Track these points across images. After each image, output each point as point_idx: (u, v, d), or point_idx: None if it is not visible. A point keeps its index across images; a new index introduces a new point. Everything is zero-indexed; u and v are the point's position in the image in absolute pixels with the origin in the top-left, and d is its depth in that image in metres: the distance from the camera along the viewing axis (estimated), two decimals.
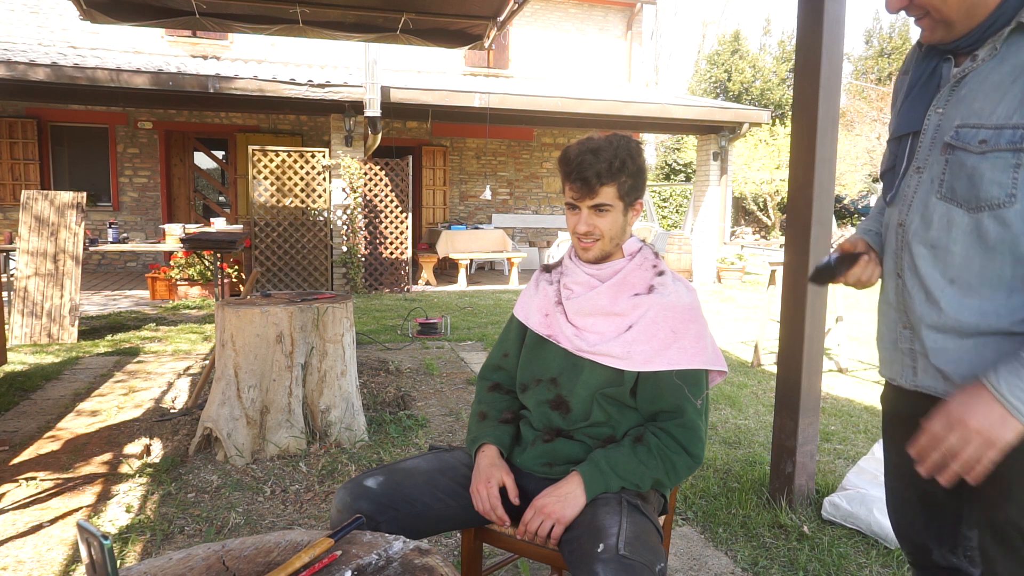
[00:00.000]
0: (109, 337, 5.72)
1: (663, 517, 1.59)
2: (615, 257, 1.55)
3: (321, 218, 8.43)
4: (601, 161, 1.44)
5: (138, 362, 4.92)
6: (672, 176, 22.48)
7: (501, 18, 4.37)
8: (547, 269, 1.67)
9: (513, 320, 1.68)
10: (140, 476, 2.90)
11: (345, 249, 8.71)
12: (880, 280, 1.30)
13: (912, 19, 1.16)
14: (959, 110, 1.12)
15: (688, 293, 1.53)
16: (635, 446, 1.43)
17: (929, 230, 1.17)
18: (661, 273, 1.54)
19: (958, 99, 1.13)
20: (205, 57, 10.75)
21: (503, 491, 1.46)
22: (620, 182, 1.47)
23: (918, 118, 1.20)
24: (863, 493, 2.49)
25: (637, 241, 1.59)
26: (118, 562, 1.70)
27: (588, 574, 1.19)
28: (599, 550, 1.22)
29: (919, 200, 1.18)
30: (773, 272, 5.04)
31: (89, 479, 2.88)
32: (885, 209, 1.31)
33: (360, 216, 8.76)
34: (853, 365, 5.35)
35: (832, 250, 1.37)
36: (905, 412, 1.31)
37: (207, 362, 4.84)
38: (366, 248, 8.91)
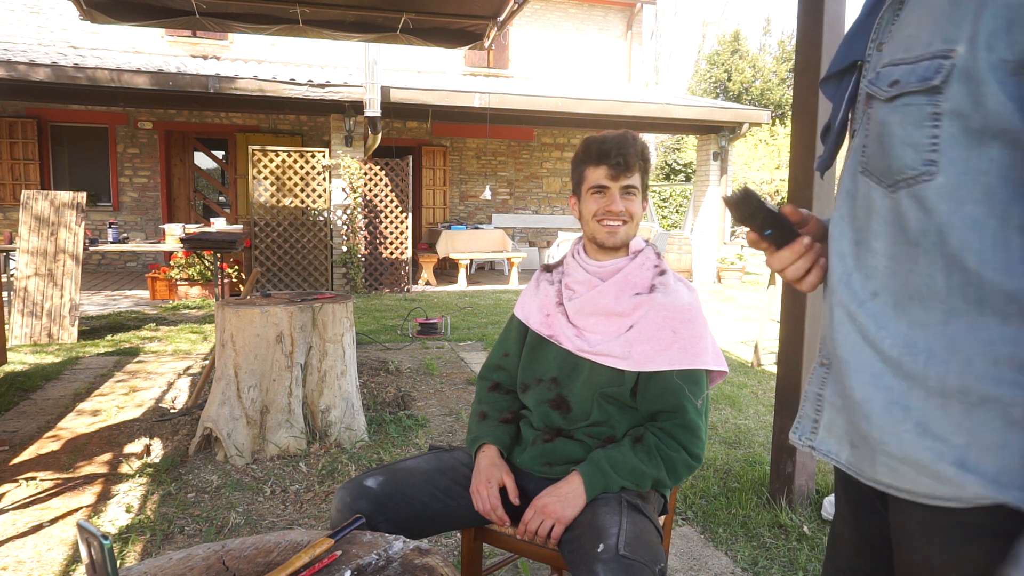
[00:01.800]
0: (109, 337, 5.72)
1: (663, 517, 1.59)
2: (619, 254, 1.56)
3: (321, 218, 8.43)
4: (634, 148, 1.51)
5: (138, 362, 4.92)
6: (672, 176, 22.47)
7: (501, 18, 4.37)
8: (548, 269, 1.67)
9: (513, 320, 1.68)
10: (140, 476, 2.90)
11: (345, 249, 8.71)
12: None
13: None
14: (891, 44, 0.79)
15: (689, 293, 1.53)
16: (635, 446, 1.43)
17: (854, 218, 0.82)
18: (663, 272, 1.54)
19: (898, 25, 0.78)
20: (205, 57, 10.75)
21: (503, 491, 1.46)
22: (643, 171, 1.54)
23: (853, 51, 0.85)
24: None
25: (641, 240, 1.60)
26: (118, 562, 1.70)
27: (588, 574, 1.19)
28: (599, 550, 1.22)
29: (846, 176, 0.85)
30: (773, 272, 5.04)
31: (89, 479, 2.88)
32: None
33: (360, 216, 8.76)
34: None
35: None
36: (840, 482, 0.99)
37: (207, 362, 4.85)
38: (366, 248, 8.91)
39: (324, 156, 8.39)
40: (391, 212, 8.96)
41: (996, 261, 0.69)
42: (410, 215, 9.02)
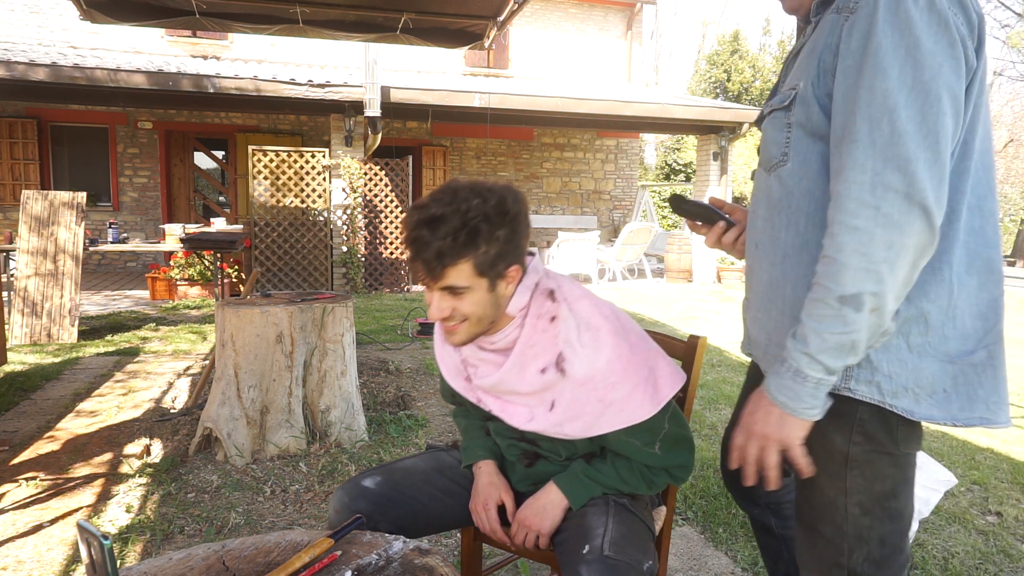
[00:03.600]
0: (109, 337, 5.72)
1: (661, 511, 1.58)
2: (502, 325, 1.30)
3: (321, 218, 8.43)
4: (439, 236, 1.15)
5: (138, 362, 4.92)
6: (672, 176, 22.47)
7: (501, 18, 4.37)
8: None
9: None
10: (140, 476, 2.90)
11: (345, 249, 8.72)
12: None
13: None
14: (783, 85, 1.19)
15: (606, 340, 1.28)
16: (616, 460, 1.37)
17: (755, 198, 1.21)
18: (564, 322, 1.28)
19: (789, 76, 1.17)
20: (205, 57, 10.75)
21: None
22: (476, 256, 1.18)
23: (775, 93, 1.24)
24: None
25: (523, 291, 1.29)
26: (118, 562, 1.70)
27: (573, 575, 1.18)
28: (584, 551, 1.21)
29: (760, 171, 1.24)
30: None
31: (89, 479, 2.88)
32: None
33: (360, 216, 8.76)
34: None
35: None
36: (751, 375, 1.44)
37: (207, 362, 4.84)
38: (366, 248, 8.91)
39: (324, 156, 8.39)
40: (391, 212, 8.96)
41: (817, 218, 1.06)
42: None
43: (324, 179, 8.40)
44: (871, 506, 1.10)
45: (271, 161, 8.12)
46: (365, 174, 8.75)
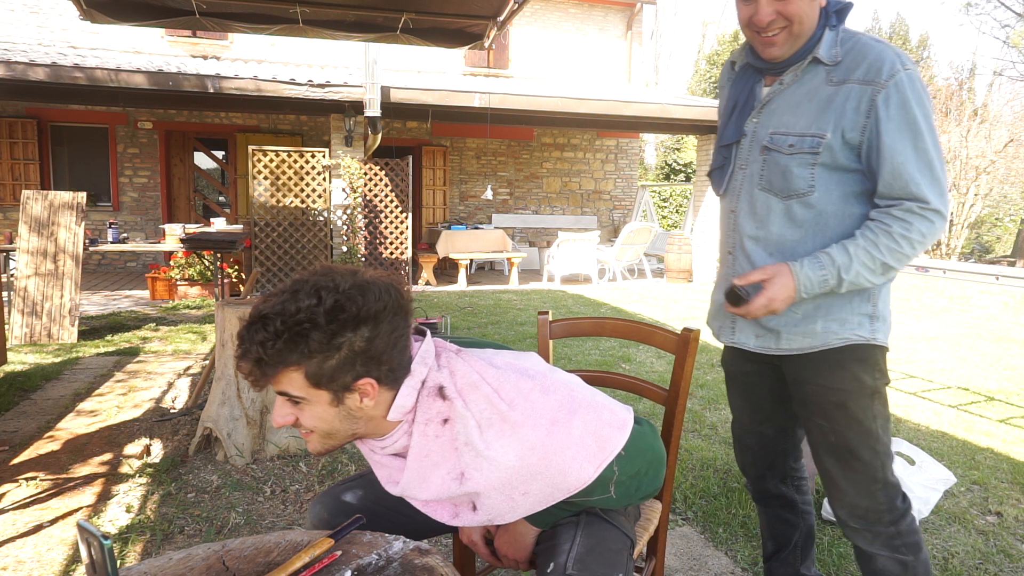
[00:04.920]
0: (109, 337, 5.72)
1: (657, 507, 1.58)
2: (386, 430, 1.16)
3: (321, 218, 8.43)
4: (256, 341, 1.01)
5: (138, 362, 4.92)
6: (672, 176, 22.47)
7: (501, 18, 4.37)
8: None
9: None
10: (140, 476, 2.90)
11: (345, 249, 8.71)
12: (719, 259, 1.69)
13: (767, 35, 1.41)
14: (771, 121, 1.48)
15: (511, 435, 1.12)
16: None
17: (754, 215, 1.52)
18: (461, 421, 1.13)
19: (768, 112, 1.49)
20: (205, 57, 10.75)
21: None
22: (308, 364, 1.03)
23: (740, 128, 1.54)
24: None
25: (408, 391, 1.13)
26: (118, 562, 1.70)
27: None
28: (548, 570, 1.16)
29: (745, 191, 1.53)
30: None
31: (89, 479, 2.88)
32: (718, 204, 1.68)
33: (360, 216, 8.76)
34: None
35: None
36: (736, 369, 1.76)
37: (207, 362, 4.84)
38: (366, 248, 8.91)
39: (324, 156, 8.39)
40: (391, 212, 8.96)
41: (842, 226, 1.46)
42: (410, 215, 9.02)
43: (324, 179, 8.40)
44: (886, 423, 1.53)
45: (271, 161, 8.12)
46: (365, 174, 8.75)
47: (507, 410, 1.13)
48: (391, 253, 9.04)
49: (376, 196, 8.90)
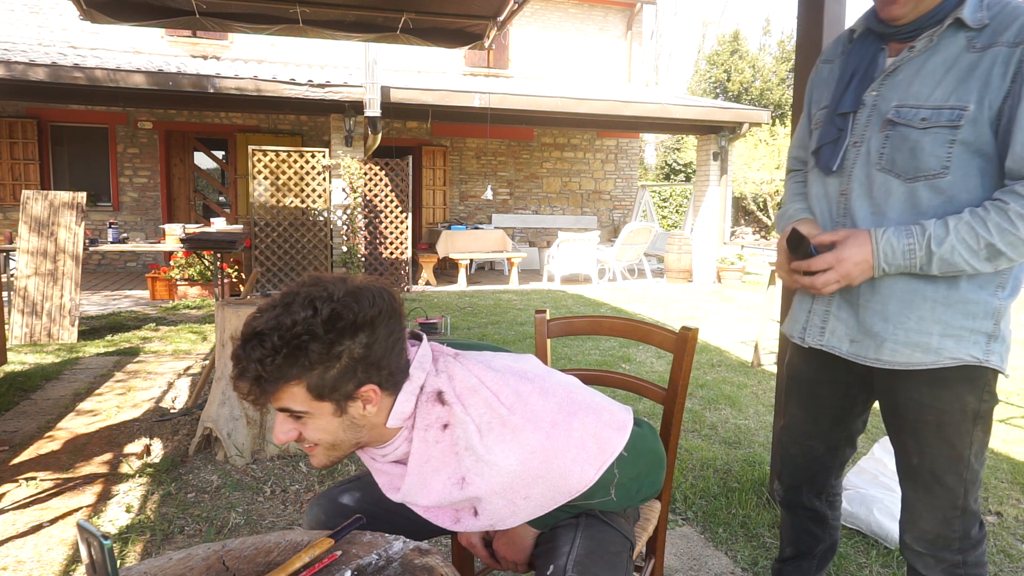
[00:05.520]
0: (109, 337, 5.72)
1: (656, 507, 1.58)
2: (387, 437, 1.15)
3: (321, 218, 8.43)
4: (255, 358, 1.00)
5: (138, 362, 4.92)
6: (672, 176, 22.48)
7: (501, 18, 4.37)
8: None
9: None
10: (140, 476, 2.90)
11: (345, 249, 8.72)
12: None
13: None
14: (896, 92, 1.29)
15: (512, 438, 1.12)
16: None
17: (871, 198, 1.33)
18: (461, 426, 1.12)
19: (893, 83, 1.30)
20: (205, 57, 10.75)
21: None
22: (309, 377, 1.02)
23: (858, 99, 1.35)
24: (863, 493, 2.49)
25: (407, 396, 1.13)
26: (118, 562, 1.70)
27: None
28: (548, 572, 1.16)
29: (860, 171, 1.34)
30: (773, 272, 5.04)
31: (89, 479, 2.88)
32: (814, 182, 1.45)
33: (360, 216, 8.76)
34: None
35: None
36: (804, 374, 1.58)
37: (207, 362, 4.84)
38: (366, 248, 8.91)
39: (324, 156, 8.39)
40: (391, 212, 8.96)
41: None
42: (410, 215, 9.02)
43: (324, 179, 8.40)
44: (982, 449, 1.36)
45: (271, 161, 8.13)
46: (365, 174, 8.75)
47: (507, 414, 1.13)
48: (391, 253, 9.04)
49: (376, 196, 8.90)
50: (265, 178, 8.12)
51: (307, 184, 8.31)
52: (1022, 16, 1.19)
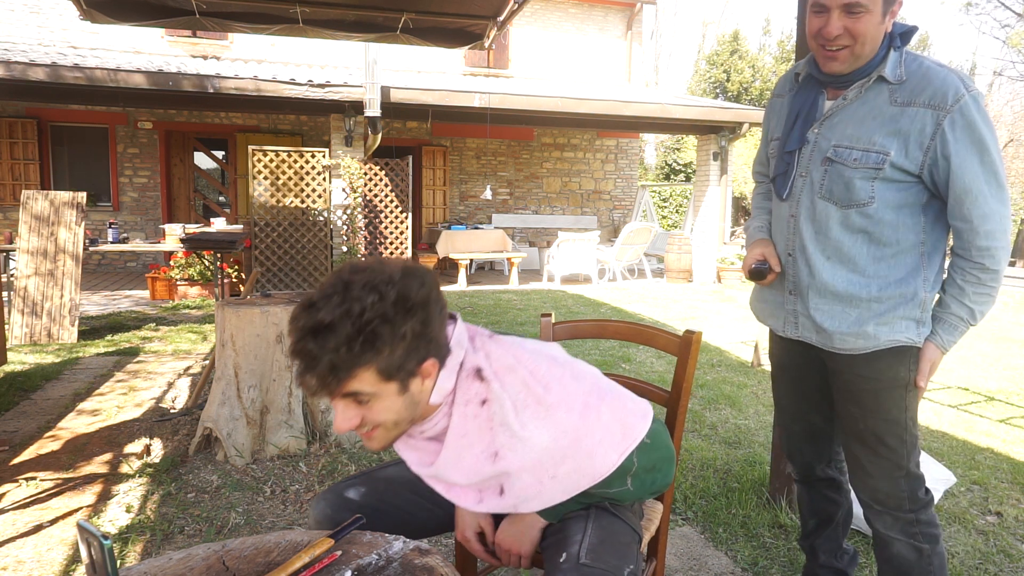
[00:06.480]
0: (109, 337, 5.72)
1: (658, 509, 1.58)
2: (428, 414, 1.19)
3: (321, 218, 8.43)
4: (329, 349, 1.00)
5: (138, 362, 4.92)
6: (672, 176, 22.47)
7: (501, 18, 4.37)
8: None
9: None
10: (140, 476, 2.90)
11: (345, 249, 8.71)
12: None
13: (831, 49, 1.50)
14: (834, 133, 1.57)
15: (546, 415, 1.16)
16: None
17: (814, 220, 1.62)
18: (498, 402, 1.16)
19: (831, 124, 1.59)
20: (205, 57, 10.75)
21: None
22: (380, 360, 1.04)
23: (803, 136, 1.63)
24: None
25: (448, 373, 1.17)
26: (118, 562, 1.70)
27: None
28: (561, 559, 1.17)
29: (805, 198, 1.63)
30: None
31: (89, 479, 2.88)
32: (773, 206, 1.76)
33: (360, 216, 8.76)
34: None
35: (756, 256, 1.73)
36: (788, 362, 1.84)
37: (207, 362, 4.84)
38: (366, 248, 8.91)
39: (324, 156, 8.39)
40: (391, 212, 8.96)
41: (896, 235, 1.55)
42: (410, 215, 9.02)
43: (324, 179, 8.39)
44: (915, 416, 1.63)
45: (271, 161, 8.13)
46: (365, 174, 8.75)
47: (543, 393, 1.17)
48: (391, 253, 9.04)
49: (376, 196, 8.90)
50: (265, 178, 8.12)
51: (307, 184, 8.31)
52: (935, 81, 1.47)
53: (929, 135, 1.47)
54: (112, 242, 7.03)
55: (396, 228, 9.00)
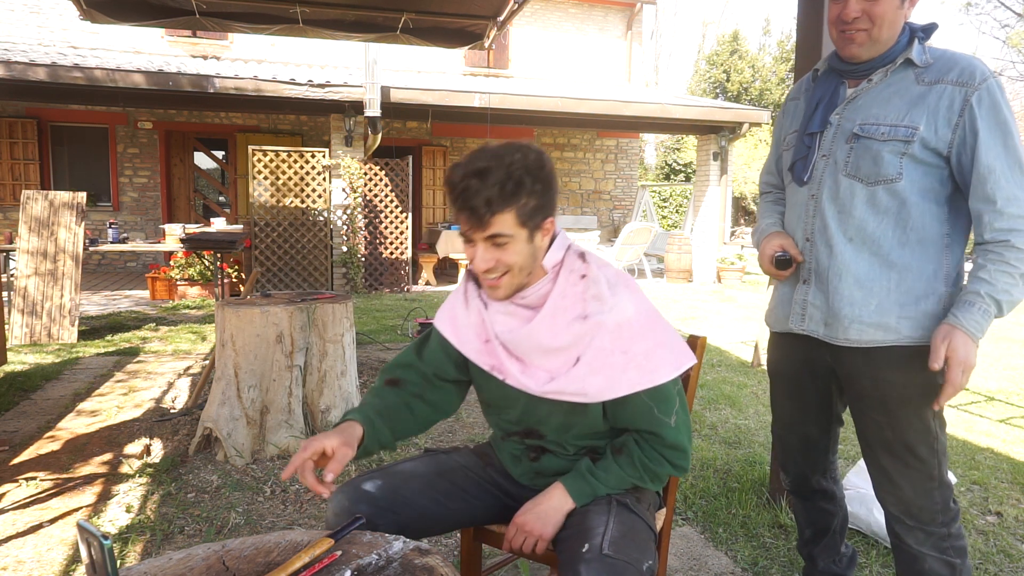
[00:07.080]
0: (109, 337, 5.72)
1: (662, 512, 1.58)
2: (536, 279, 1.35)
3: (321, 218, 8.43)
4: (490, 186, 1.23)
5: (138, 362, 4.92)
6: (672, 176, 22.47)
7: (501, 18, 4.37)
8: (475, 277, 1.44)
9: (434, 334, 1.48)
10: (140, 476, 2.90)
11: (345, 249, 8.71)
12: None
13: (849, 31, 1.50)
14: (858, 114, 1.56)
15: (630, 298, 1.35)
16: (617, 457, 1.38)
17: (836, 200, 1.57)
18: (594, 280, 1.35)
19: (854, 107, 1.57)
20: (205, 57, 10.75)
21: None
22: (519, 206, 1.26)
23: (825, 120, 1.61)
24: (863, 493, 2.49)
25: (558, 248, 1.38)
26: (118, 562, 1.70)
27: (572, 574, 1.18)
28: (584, 550, 1.21)
29: (828, 178, 1.58)
30: None
31: (89, 479, 2.88)
32: (788, 194, 1.72)
33: (360, 216, 8.76)
34: None
35: (775, 247, 1.67)
36: (787, 370, 1.79)
37: (207, 362, 4.84)
38: (366, 248, 8.91)
39: (324, 156, 8.39)
40: (391, 212, 8.96)
41: (922, 220, 1.51)
42: (410, 215, 9.02)
43: (324, 179, 8.40)
44: (943, 421, 1.56)
45: (271, 161, 8.13)
46: (365, 174, 8.75)
47: (629, 281, 1.39)
48: (391, 253, 9.05)
49: (376, 196, 8.90)
50: (265, 178, 8.12)
51: (307, 184, 8.31)
52: (961, 62, 1.48)
53: (957, 111, 1.45)
54: (112, 242, 7.02)
55: (396, 228, 9.00)
